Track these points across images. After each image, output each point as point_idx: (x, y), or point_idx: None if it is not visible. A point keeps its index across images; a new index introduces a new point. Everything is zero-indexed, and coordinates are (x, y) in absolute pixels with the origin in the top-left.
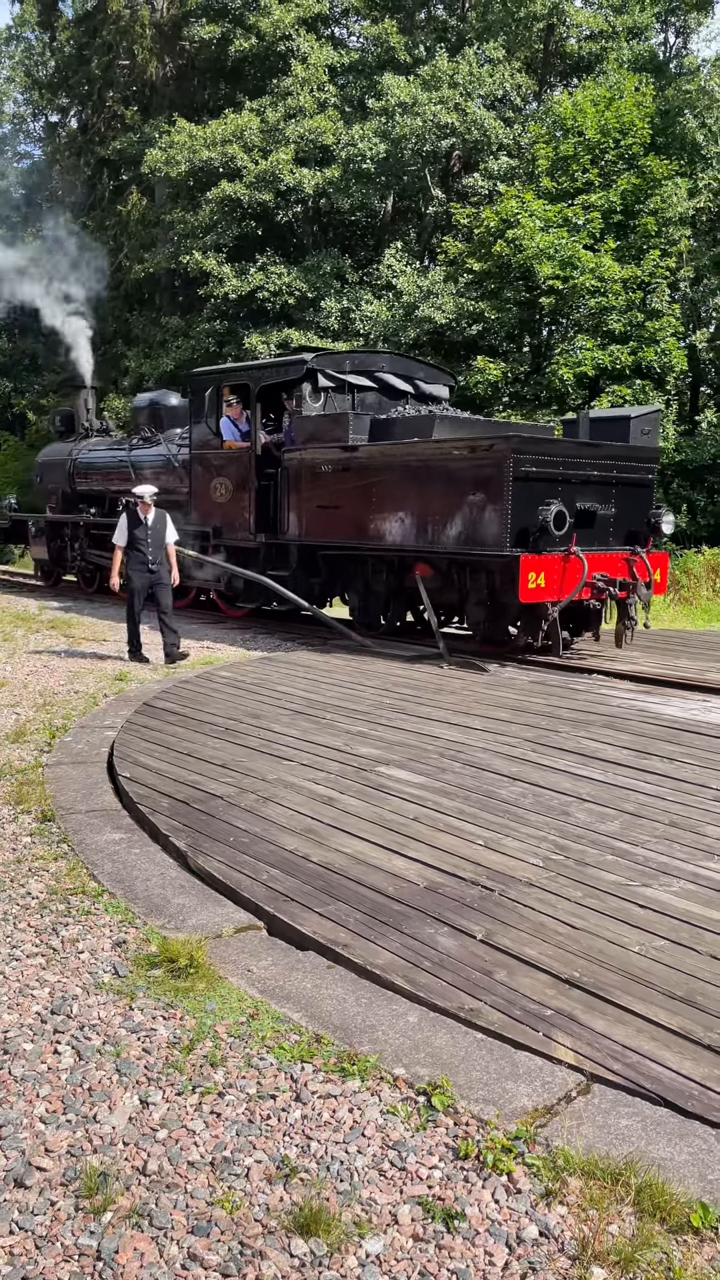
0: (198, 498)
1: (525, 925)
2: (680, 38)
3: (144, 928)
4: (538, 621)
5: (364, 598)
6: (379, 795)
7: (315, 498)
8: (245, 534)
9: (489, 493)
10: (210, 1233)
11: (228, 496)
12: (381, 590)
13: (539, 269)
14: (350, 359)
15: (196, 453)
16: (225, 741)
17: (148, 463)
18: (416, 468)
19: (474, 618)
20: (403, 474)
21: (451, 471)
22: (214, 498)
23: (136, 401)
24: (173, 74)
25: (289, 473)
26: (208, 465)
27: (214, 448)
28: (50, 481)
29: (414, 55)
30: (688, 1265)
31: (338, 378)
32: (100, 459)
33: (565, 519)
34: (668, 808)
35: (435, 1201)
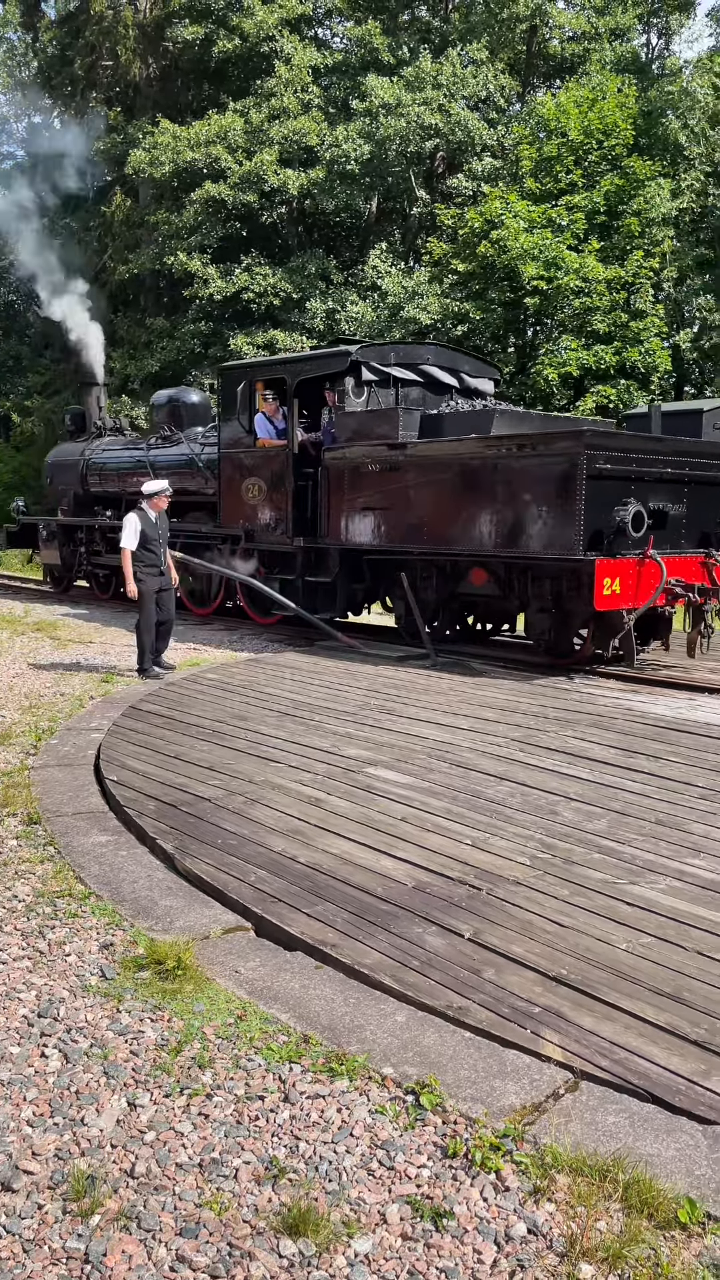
0: (227, 499)
1: (513, 924)
2: (662, 39)
3: (131, 930)
4: (610, 630)
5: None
6: (366, 796)
7: (360, 499)
8: (281, 537)
9: (559, 492)
10: (199, 1234)
11: (261, 497)
12: (430, 597)
13: (523, 270)
14: (395, 351)
15: (226, 451)
16: (212, 743)
17: (168, 462)
18: (475, 466)
19: (537, 627)
20: (459, 473)
21: (516, 469)
22: (245, 499)
23: (155, 399)
24: (156, 75)
25: (330, 472)
26: (239, 465)
27: (246, 446)
28: (61, 483)
29: (397, 56)
30: (675, 1261)
31: (382, 371)
32: (116, 459)
33: (644, 520)
34: (654, 806)
35: (424, 1200)
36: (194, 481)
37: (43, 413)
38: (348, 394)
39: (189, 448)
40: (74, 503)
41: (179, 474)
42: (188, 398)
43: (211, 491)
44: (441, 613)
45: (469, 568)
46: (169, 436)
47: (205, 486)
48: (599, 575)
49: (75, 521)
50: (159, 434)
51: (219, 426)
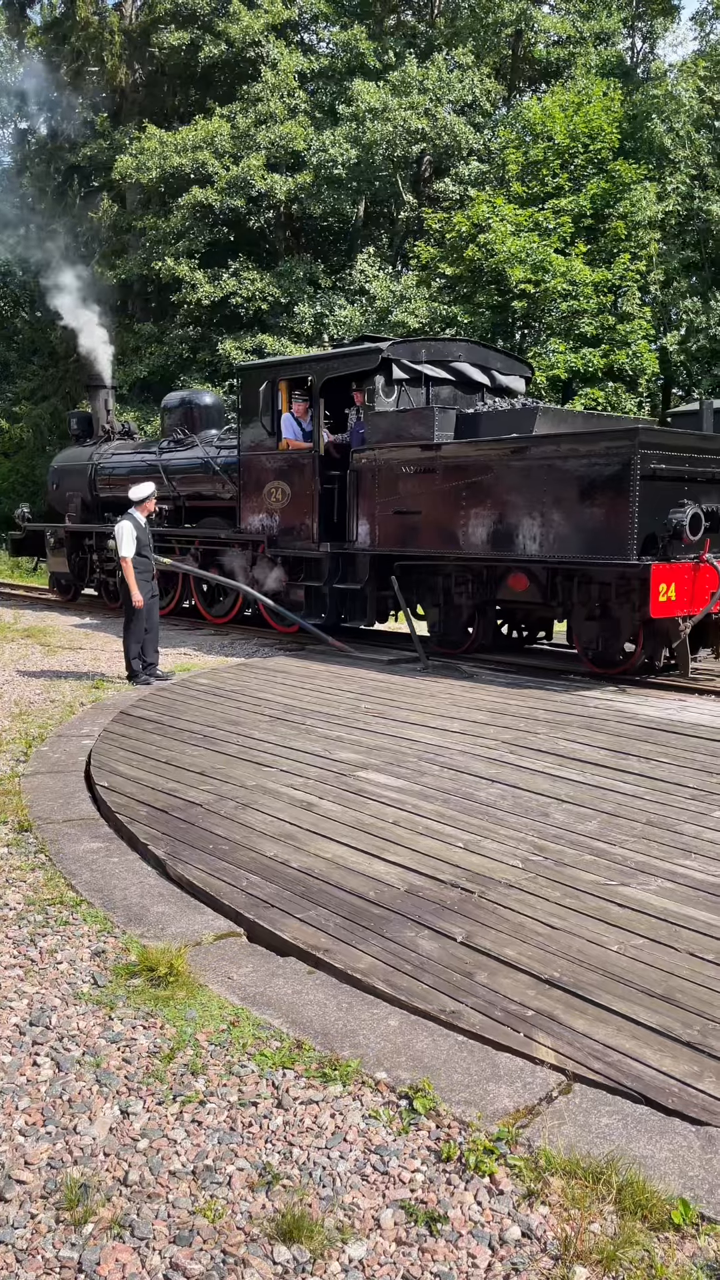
0: (248, 503)
1: (505, 926)
2: (647, 43)
3: (123, 937)
4: (662, 639)
5: (445, 611)
6: (358, 800)
7: (392, 502)
8: (307, 543)
9: (610, 493)
10: (192, 1242)
11: (285, 502)
12: (466, 603)
13: (511, 273)
14: (426, 347)
15: (247, 454)
16: (204, 749)
17: (182, 466)
18: (518, 468)
19: (585, 635)
20: (500, 474)
21: (562, 470)
22: (268, 503)
23: (166, 402)
24: (142, 80)
25: (359, 475)
26: (261, 468)
27: (268, 448)
28: (68, 488)
29: (383, 61)
30: (669, 1262)
31: (414, 369)
32: (127, 463)
33: (701, 522)
34: (645, 807)
35: (418, 1204)
36: (210, 485)
37: (31, 419)
38: (377, 393)
39: (204, 451)
40: (82, 509)
41: (194, 478)
42: (201, 400)
43: (229, 496)
44: (477, 620)
45: (507, 573)
46: (182, 440)
47: (222, 491)
48: (654, 581)
49: (86, 528)
50: (171, 437)
51: (239, 428)
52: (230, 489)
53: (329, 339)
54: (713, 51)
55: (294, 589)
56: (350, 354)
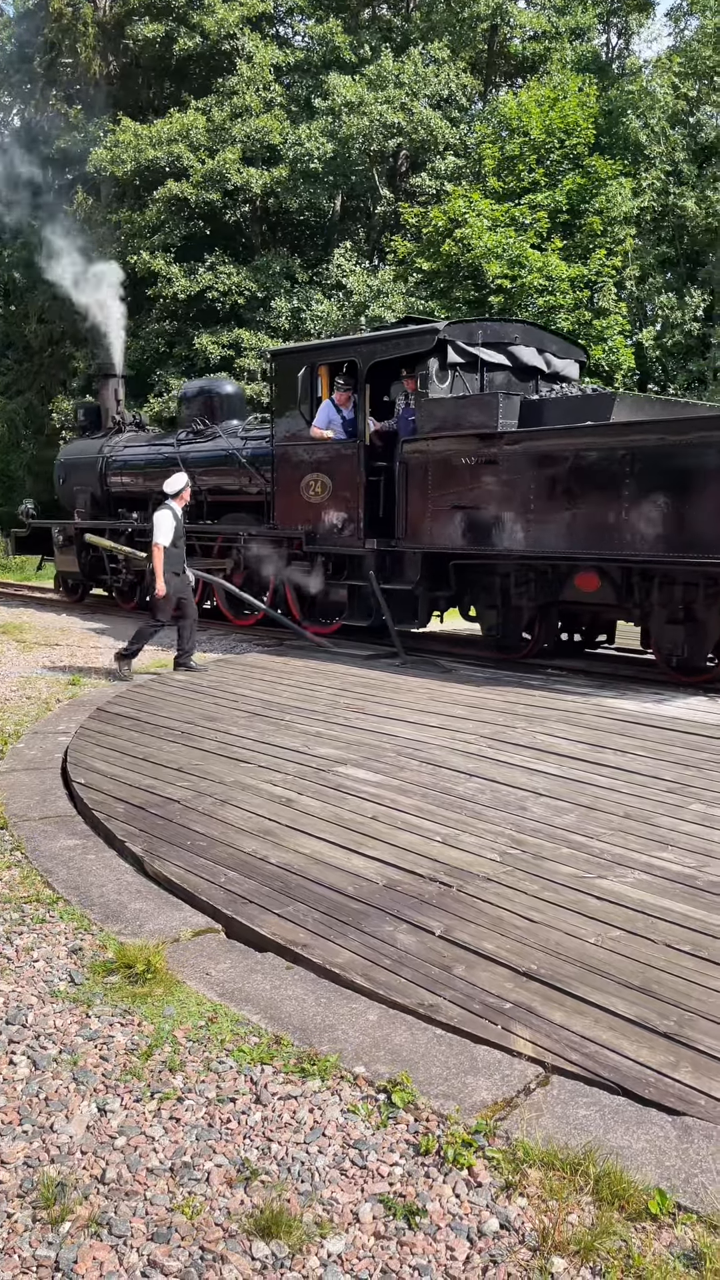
0: (283, 498)
1: (483, 920)
2: (622, 39)
3: (100, 934)
4: None
5: (503, 614)
6: (337, 795)
7: (448, 496)
8: (351, 539)
9: (704, 487)
10: (170, 1239)
11: (326, 495)
12: (527, 605)
13: (487, 268)
14: (483, 329)
15: (283, 445)
16: (181, 745)
17: (204, 458)
18: (595, 458)
19: (667, 640)
20: (573, 466)
21: (648, 462)
22: (306, 497)
23: (185, 390)
24: (116, 72)
25: (410, 467)
26: (298, 459)
27: (307, 438)
28: (77, 483)
29: (359, 55)
30: (646, 1251)
31: (470, 352)
32: (143, 455)
33: None
34: (622, 800)
35: (396, 1198)
36: (234, 479)
37: (5, 414)
38: (431, 378)
39: (227, 442)
40: (92, 504)
41: (216, 471)
42: (222, 388)
43: (256, 490)
44: (538, 622)
45: (573, 572)
46: (202, 431)
47: (248, 484)
48: None
49: (99, 525)
50: (189, 428)
51: (272, 417)
52: (258, 482)
53: (316, 333)
54: (687, 48)
55: (335, 589)
56: (402, 335)
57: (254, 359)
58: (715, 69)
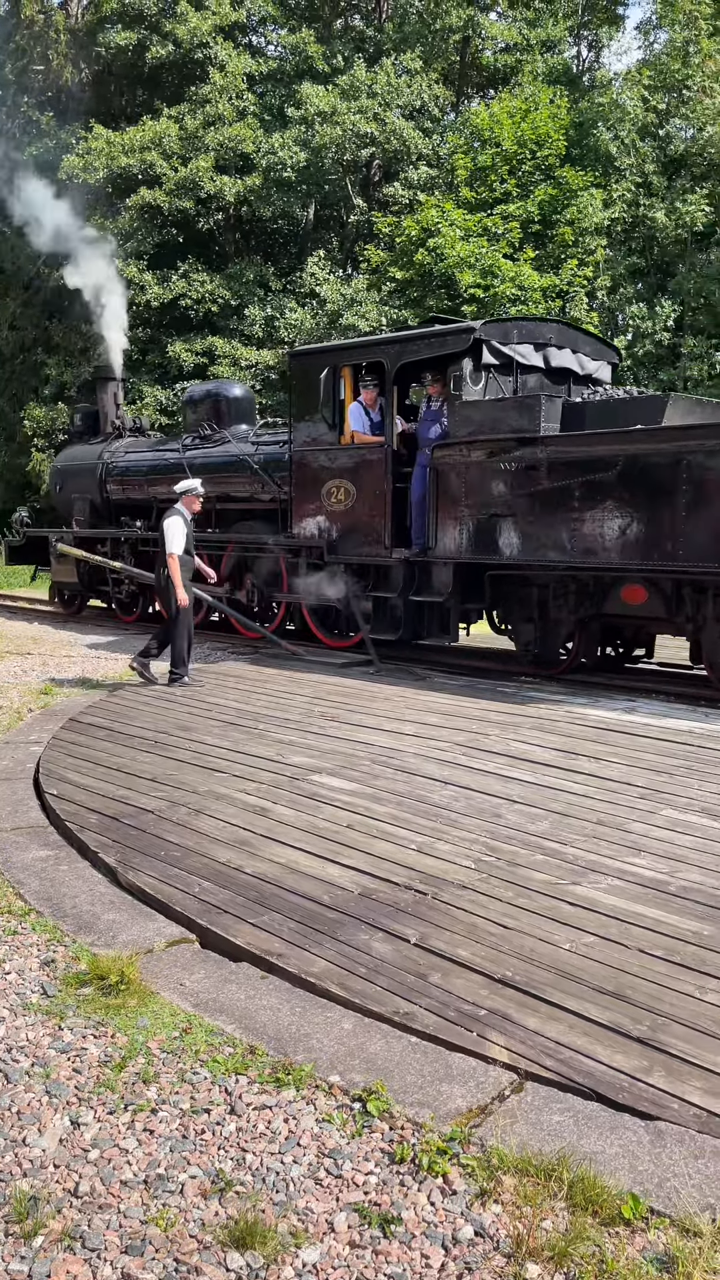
0: (302, 505)
1: (458, 927)
2: (592, 51)
3: (73, 945)
4: None
5: (541, 627)
6: (312, 804)
7: (484, 504)
8: (376, 548)
9: None
10: (144, 1252)
11: (349, 502)
12: (566, 618)
13: (460, 277)
14: (518, 328)
15: (302, 450)
16: (155, 755)
17: (213, 464)
18: (648, 464)
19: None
20: (624, 472)
21: (707, 468)
22: (328, 505)
23: (190, 394)
24: (89, 80)
25: (442, 473)
26: (318, 465)
27: (327, 443)
28: (74, 491)
29: (332, 65)
30: (619, 1256)
31: (505, 353)
32: (146, 461)
33: None
34: (595, 807)
35: (371, 1207)
36: (245, 486)
37: None
38: (465, 379)
39: (237, 447)
40: (91, 512)
41: (226, 478)
42: (229, 391)
43: (269, 497)
44: (578, 636)
45: (618, 584)
46: (209, 436)
47: (260, 491)
48: None
49: (100, 534)
50: (195, 433)
51: (290, 421)
52: (271, 489)
53: (290, 341)
54: (656, 61)
55: (358, 600)
56: (436, 335)
57: (227, 367)
58: (684, 82)
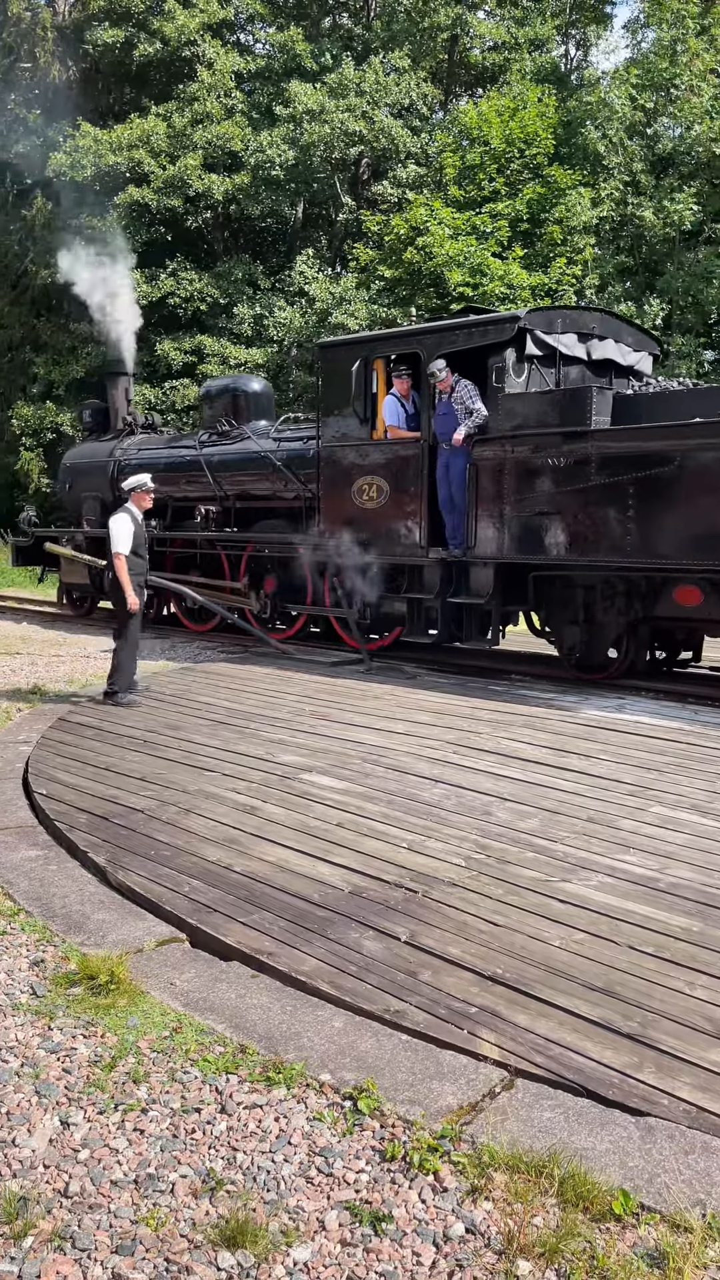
0: (330, 503)
1: (449, 925)
2: (580, 50)
3: (63, 945)
4: None
5: (587, 630)
6: (302, 803)
7: (528, 501)
8: (411, 548)
9: None
10: (135, 1251)
11: (381, 500)
12: (614, 621)
13: (449, 276)
14: (561, 318)
15: (331, 446)
16: (145, 754)
17: (231, 460)
18: (708, 459)
19: None
20: (683, 468)
21: None
22: (358, 502)
23: (207, 388)
24: (76, 77)
25: (481, 469)
26: (348, 462)
27: (359, 438)
28: (84, 489)
29: (320, 63)
30: (610, 1252)
31: (549, 343)
32: (161, 458)
33: None
34: (585, 804)
35: (363, 1205)
36: (266, 483)
37: None
38: (508, 370)
39: (258, 444)
40: (102, 511)
41: (245, 475)
42: (248, 386)
43: (293, 495)
44: (626, 640)
45: (670, 585)
46: (228, 432)
47: (283, 489)
48: None
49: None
50: (213, 429)
51: (318, 415)
52: (294, 487)
53: (279, 340)
54: (644, 60)
55: (389, 602)
56: (478, 324)
57: (216, 365)
58: (671, 81)
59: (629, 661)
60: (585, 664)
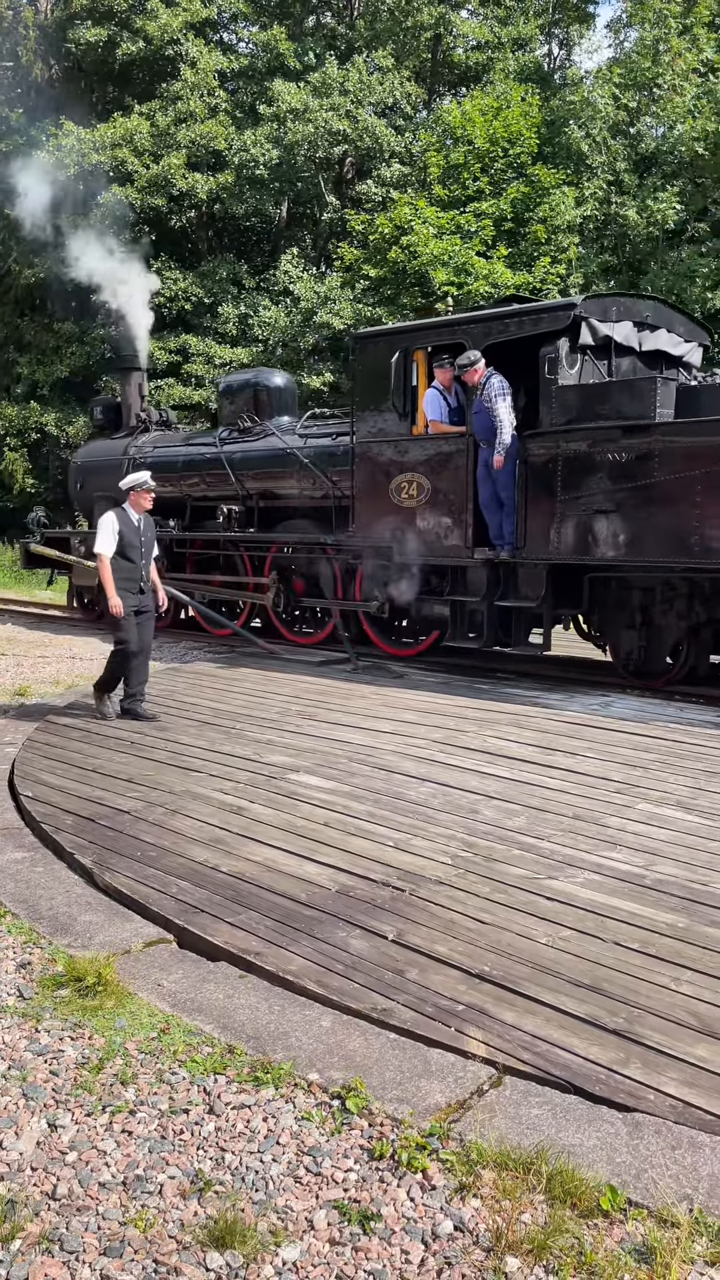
0: (366, 502)
1: (436, 923)
2: (564, 49)
3: (49, 948)
4: None
5: (645, 635)
6: (289, 802)
7: (585, 499)
8: (455, 549)
9: None
10: (123, 1253)
11: (422, 499)
12: (675, 625)
13: (434, 275)
14: (617, 305)
15: (367, 442)
16: (131, 755)
17: (255, 458)
18: None
19: None
20: None
21: None
22: (396, 501)
23: (227, 383)
24: (59, 76)
25: (532, 466)
26: (385, 458)
27: (397, 434)
28: (98, 488)
29: (303, 62)
30: (598, 1248)
31: (604, 333)
32: (179, 456)
33: None
34: (572, 801)
35: (351, 1204)
36: (291, 482)
37: None
38: (561, 361)
39: (282, 440)
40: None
41: (270, 474)
42: (270, 380)
43: (320, 494)
44: (687, 645)
45: None
46: (250, 428)
47: (311, 488)
48: None
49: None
50: (234, 425)
51: (352, 410)
52: (323, 485)
53: (264, 339)
54: (627, 59)
55: (429, 604)
56: (529, 312)
57: (201, 365)
58: (654, 80)
59: (688, 667)
60: (642, 670)
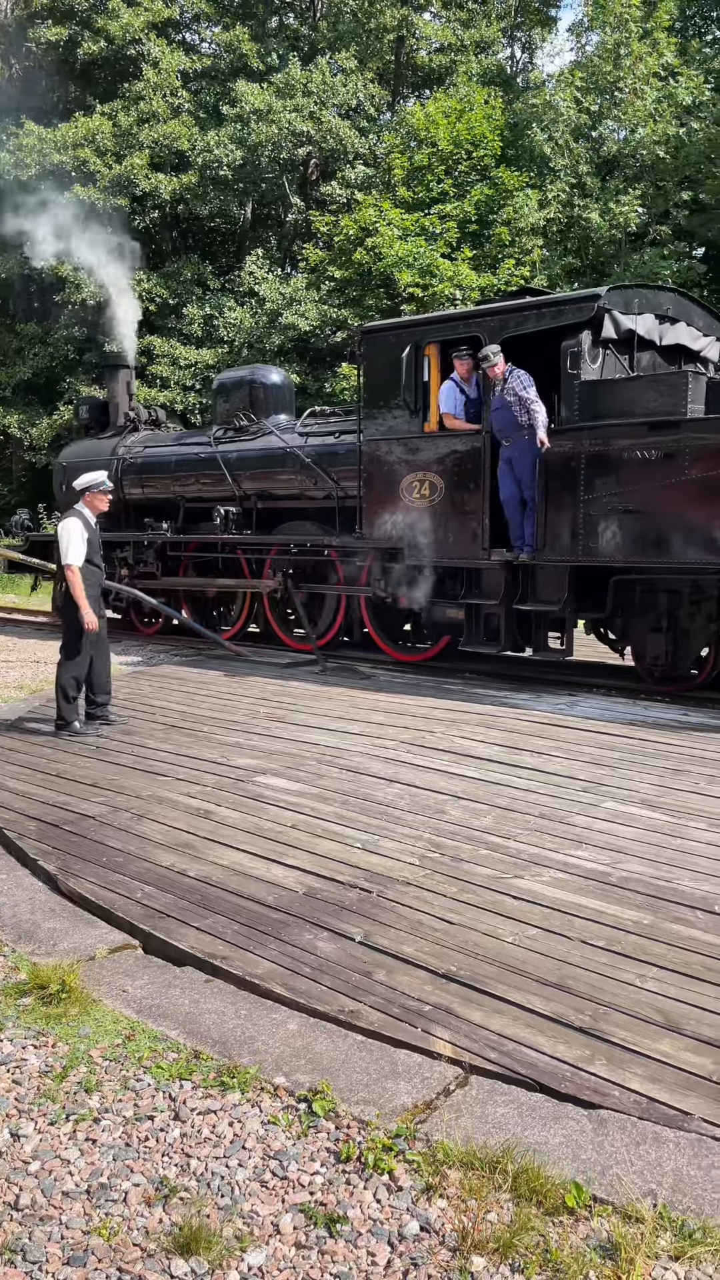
0: (374, 502)
1: (403, 924)
2: (526, 53)
3: (12, 955)
4: None
5: (672, 638)
6: (256, 805)
7: (612, 499)
8: (471, 550)
9: None
10: (87, 1262)
11: (435, 499)
12: (703, 628)
13: (399, 276)
14: (639, 297)
15: (375, 439)
16: (96, 760)
17: (252, 457)
18: None
19: None
20: None
21: None
22: (406, 501)
23: (222, 380)
24: (19, 76)
25: (553, 464)
26: (395, 457)
27: (408, 431)
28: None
29: (267, 63)
30: (564, 1245)
31: (627, 326)
32: (171, 455)
33: None
34: (538, 800)
35: (317, 1207)
36: (291, 482)
37: None
38: (583, 355)
39: (281, 439)
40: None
41: (267, 474)
42: (267, 378)
43: (323, 494)
44: (714, 649)
45: None
46: (246, 427)
47: (313, 488)
48: None
49: (119, 538)
50: (228, 424)
51: (360, 407)
52: (325, 485)
53: (230, 340)
54: (588, 63)
55: (441, 608)
56: (551, 304)
57: (166, 366)
58: (615, 84)
59: (716, 672)
60: (669, 675)
